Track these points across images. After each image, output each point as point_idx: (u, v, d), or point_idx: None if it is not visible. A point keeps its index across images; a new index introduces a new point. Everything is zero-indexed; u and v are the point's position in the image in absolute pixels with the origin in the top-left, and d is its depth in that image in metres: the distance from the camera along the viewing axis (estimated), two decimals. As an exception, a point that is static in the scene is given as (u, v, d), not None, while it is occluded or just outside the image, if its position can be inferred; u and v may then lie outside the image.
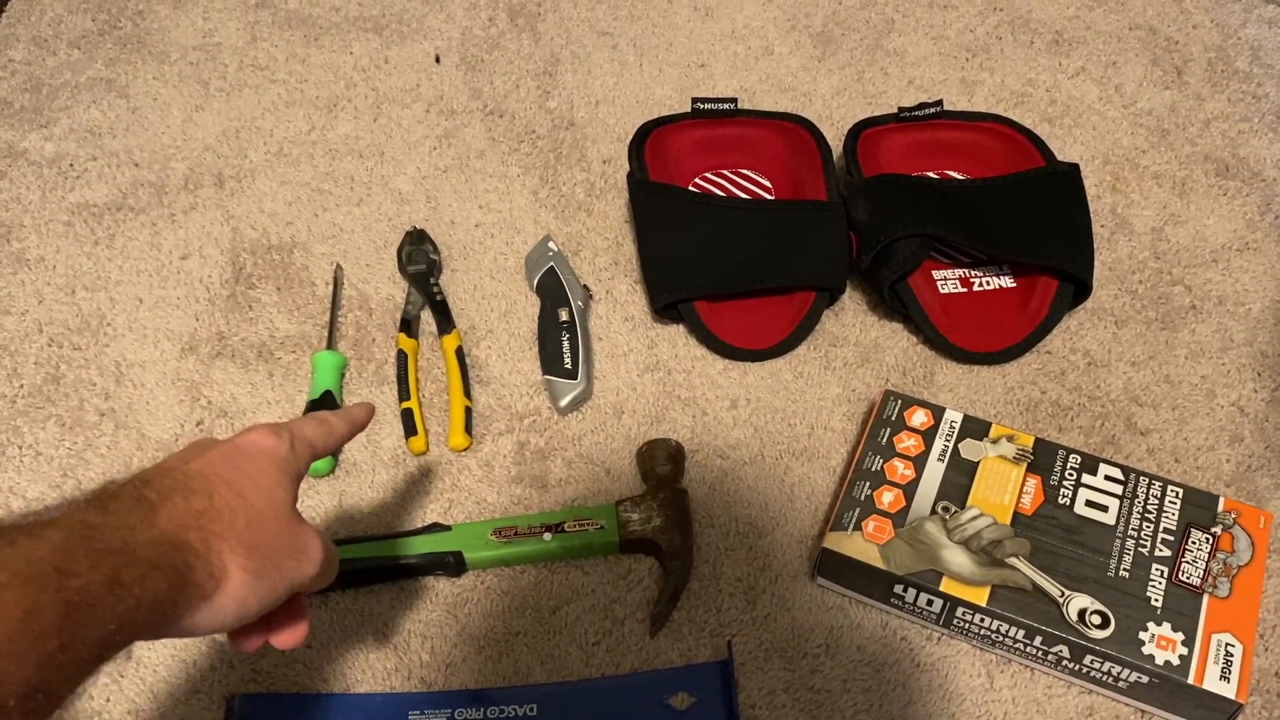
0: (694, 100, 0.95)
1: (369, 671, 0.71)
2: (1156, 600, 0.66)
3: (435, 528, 0.75)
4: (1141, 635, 0.65)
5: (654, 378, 0.85)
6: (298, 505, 0.52)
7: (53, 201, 0.97)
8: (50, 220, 0.96)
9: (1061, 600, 0.66)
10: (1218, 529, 0.70)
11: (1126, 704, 0.68)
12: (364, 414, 0.62)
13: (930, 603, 0.69)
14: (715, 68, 1.09)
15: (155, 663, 0.71)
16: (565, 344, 0.84)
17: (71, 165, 1.00)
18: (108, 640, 0.39)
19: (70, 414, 0.83)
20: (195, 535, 0.44)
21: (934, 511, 0.71)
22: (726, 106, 0.95)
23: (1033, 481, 0.73)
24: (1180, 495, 0.72)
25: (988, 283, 0.89)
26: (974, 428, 0.76)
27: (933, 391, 0.84)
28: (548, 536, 0.74)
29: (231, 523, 0.46)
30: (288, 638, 0.53)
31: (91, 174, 1.00)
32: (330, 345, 0.87)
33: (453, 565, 0.73)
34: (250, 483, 0.49)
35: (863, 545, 0.70)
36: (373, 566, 0.73)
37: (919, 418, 0.77)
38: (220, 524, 0.45)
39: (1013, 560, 0.68)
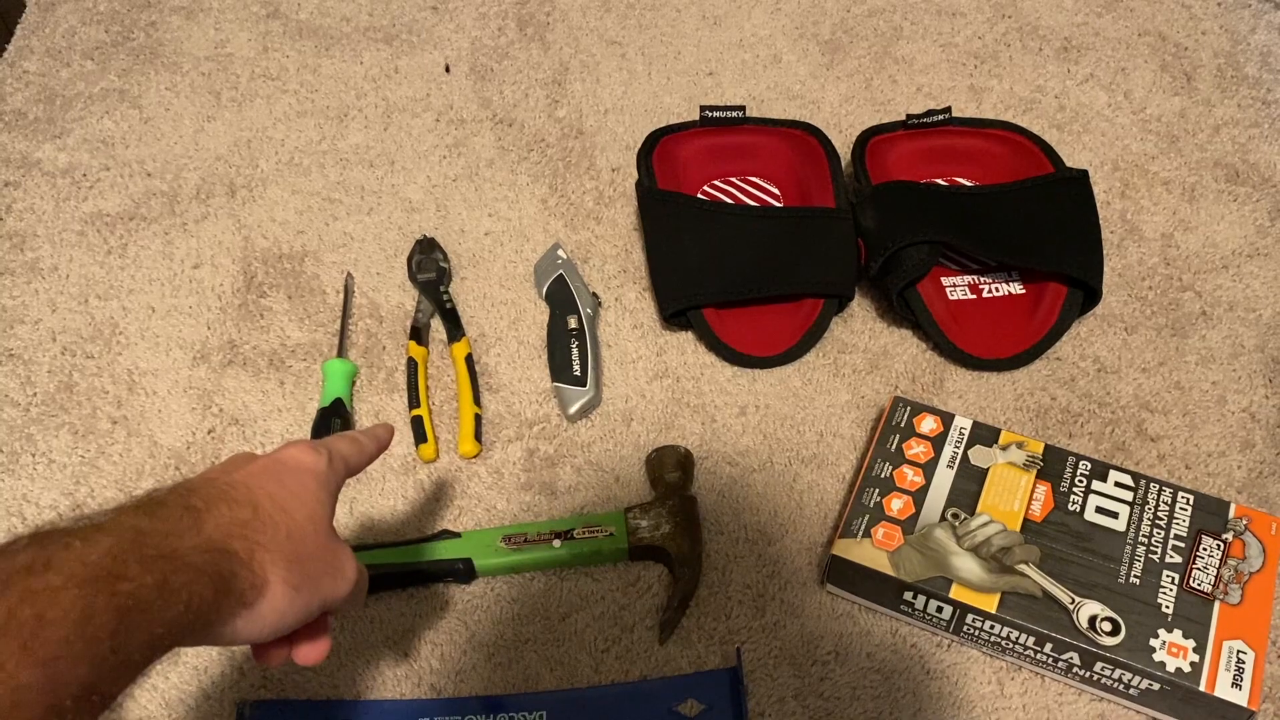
0: (702, 108, 0.95)
1: (379, 678, 0.71)
2: (1167, 607, 0.66)
3: (445, 534, 0.75)
4: (1152, 642, 0.65)
5: (663, 385, 0.85)
6: None
7: (66, 211, 0.98)
8: (63, 230, 0.97)
9: (1072, 607, 0.66)
10: (1229, 535, 0.70)
11: (1138, 711, 0.67)
12: (386, 434, 0.63)
13: (940, 610, 0.68)
14: (723, 76, 1.09)
15: (166, 670, 0.71)
16: (574, 351, 0.85)
17: (84, 175, 1.01)
18: (156, 643, 0.39)
19: (83, 422, 0.84)
20: (240, 544, 0.44)
21: (943, 518, 0.71)
22: (735, 114, 0.95)
23: (1043, 488, 0.72)
24: (1191, 502, 0.72)
25: (997, 289, 0.89)
26: (983, 434, 0.76)
27: (942, 398, 0.84)
28: (557, 543, 0.74)
29: (274, 535, 0.46)
30: (309, 653, 0.53)
31: (104, 184, 1.00)
32: (341, 353, 0.87)
33: (462, 572, 0.74)
34: (292, 497, 0.49)
35: (872, 552, 0.70)
36: (383, 573, 0.73)
37: (928, 424, 0.76)
38: (264, 535, 0.46)
39: (1023, 567, 0.68)
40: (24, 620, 0.35)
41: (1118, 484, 0.73)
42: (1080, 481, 0.73)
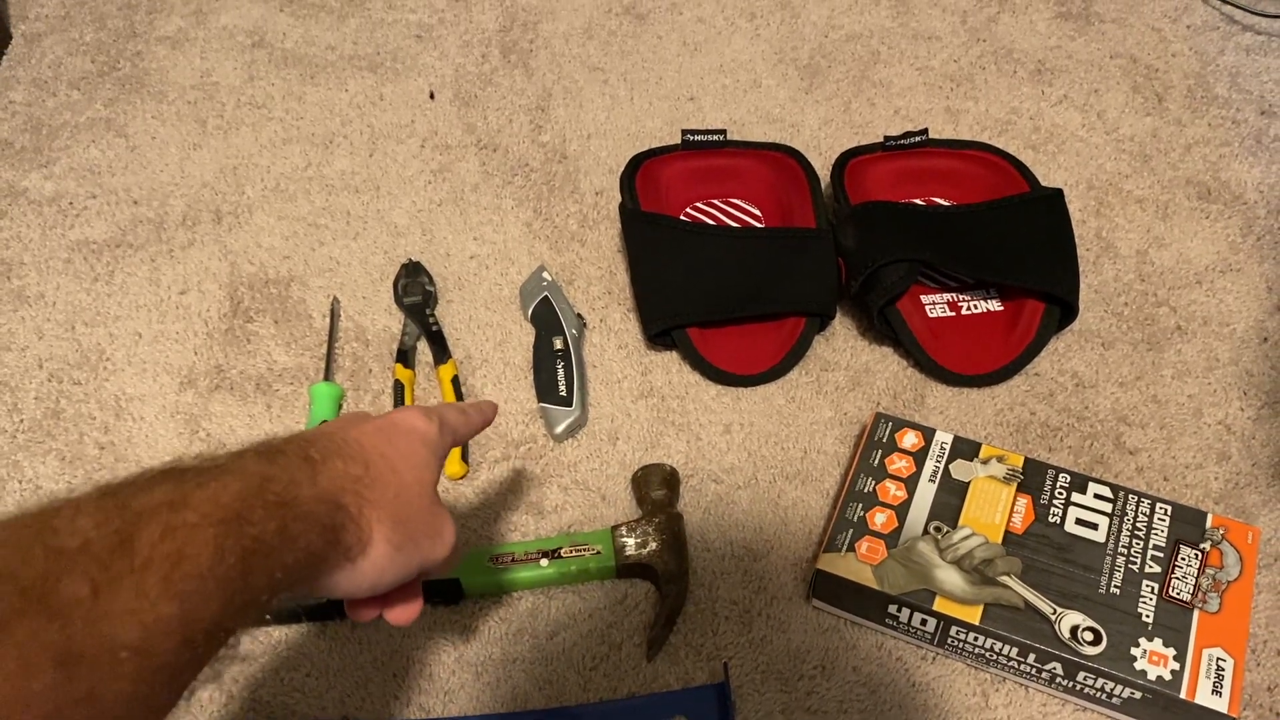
0: (684, 132, 0.96)
1: (367, 700, 0.71)
2: (1147, 616, 0.67)
3: (432, 555, 0.75)
4: (1133, 651, 0.65)
5: (648, 404, 0.86)
6: None
7: (53, 239, 0.99)
8: (50, 257, 0.97)
9: (1054, 618, 0.67)
10: (1206, 545, 0.71)
11: (1121, 721, 0.68)
12: (491, 410, 0.64)
13: (924, 622, 0.69)
14: (704, 100, 1.11)
15: (154, 694, 0.71)
16: (560, 372, 0.85)
17: (71, 203, 1.02)
18: (274, 587, 0.40)
19: (70, 448, 0.84)
20: (351, 499, 0.45)
21: (926, 532, 0.72)
22: (716, 138, 0.96)
23: (1023, 501, 0.73)
24: (1169, 512, 0.73)
25: (975, 306, 0.91)
26: (964, 449, 0.77)
27: (923, 414, 0.85)
28: (544, 563, 0.74)
29: (383, 494, 0.48)
30: (401, 614, 0.54)
31: (91, 212, 1.01)
32: (327, 377, 0.88)
33: (450, 592, 0.74)
34: (402, 458, 0.50)
35: (856, 566, 0.70)
36: (371, 594, 0.73)
37: (910, 439, 0.77)
38: (373, 493, 0.47)
39: (1005, 579, 0.69)
40: (166, 554, 0.36)
41: (1097, 496, 0.74)
42: (1060, 494, 0.74)
